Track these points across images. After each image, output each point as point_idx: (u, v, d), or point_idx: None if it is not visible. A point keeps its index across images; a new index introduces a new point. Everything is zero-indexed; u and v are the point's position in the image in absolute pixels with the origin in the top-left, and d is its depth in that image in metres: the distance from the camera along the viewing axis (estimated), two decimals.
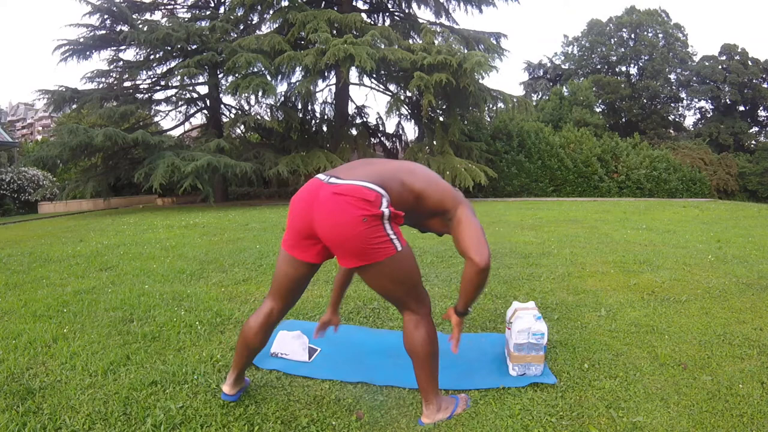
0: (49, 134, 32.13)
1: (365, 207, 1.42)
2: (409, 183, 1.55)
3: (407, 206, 1.55)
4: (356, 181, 1.46)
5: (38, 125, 53.54)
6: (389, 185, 1.49)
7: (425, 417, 1.65)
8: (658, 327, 2.51)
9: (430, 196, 1.59)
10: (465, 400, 1.76)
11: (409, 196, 1.55)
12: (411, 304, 1.61)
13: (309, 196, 1.52)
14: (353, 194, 1.43)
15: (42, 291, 3.41)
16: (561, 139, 17.01)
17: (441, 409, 1.66)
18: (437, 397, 1.67)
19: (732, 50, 29.86)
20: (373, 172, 1.51)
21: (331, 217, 1.44)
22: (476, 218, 1.62)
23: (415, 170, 1.62)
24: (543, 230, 6.40)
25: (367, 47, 12.30)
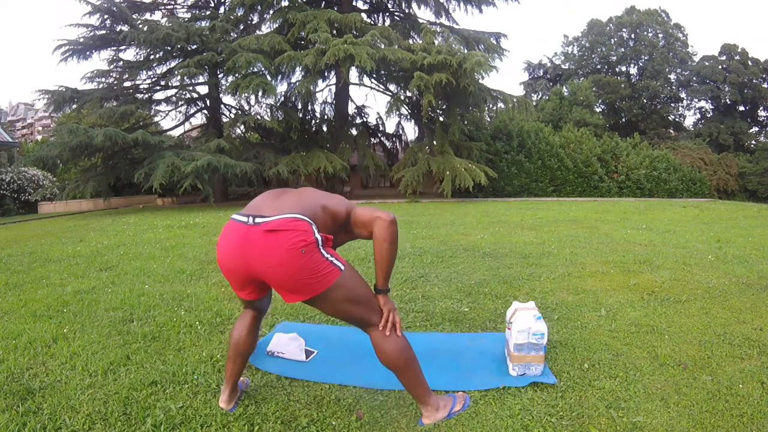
0: (49, 134, 32.13)
1: (301, 237, 1.40)
2: (327, 205, 1.57)
3: (330, 229, 1.57)
4: (284, 214, 1.43)
5: (38, 125, 53.56)
6: (315, 213, 1.50)
7: (425, 418, 1.65)
8: (658, 327, 2.51)
9: (341, 213, 1.62)
10: (463, 398, 1.76)
11: (328, 219, 1.56)
12: (373, 319, 1.59)
13: (237, 242, 1.46)
14: (286, 227, 1.40)
15: (42, 291, 3.41)
16: (561, 139, 17.02)
17: (440, 409, 1.67)
18: (432, 398, 1.67)
19: (732, 50, 29.86)
20: (294, 204, 1.50)
21: (270, 258, 1.41)
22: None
23: (323, 196, 1.64)
24: (543, 230, 6.40)
25: (367, 47, 12.30)
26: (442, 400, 1.70)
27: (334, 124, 16.90)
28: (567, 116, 24.62)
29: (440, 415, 1.65)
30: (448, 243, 5.20)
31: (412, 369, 1.62)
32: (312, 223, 1.45)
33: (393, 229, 1.52)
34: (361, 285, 1.57)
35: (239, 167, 12.31)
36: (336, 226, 1.61)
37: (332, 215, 1.58)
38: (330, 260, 1.47)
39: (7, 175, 14.45)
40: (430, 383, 1.70)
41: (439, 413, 1.65)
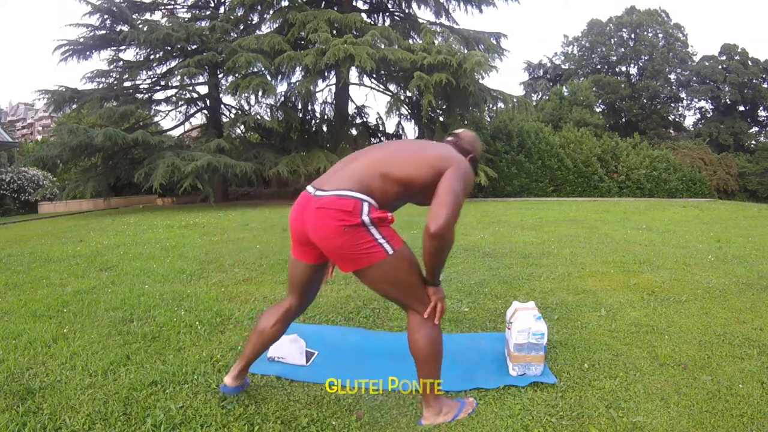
0: (49, 134, 32.11)
1: (344, 218, 1.43)
2: (388, 174, 1.51)
3: (398, 196, 1.54)
4: (335, 191, 1.47)
5: (38, 125, 53.55)
6: (369, 183, 1.48)
7: (424, 419, 1.65)
8: (658, 327, 2.51)
9: (417, 177, 1.52)
10: (471, 404, 1.73)
11: (394, 186, 1.52)
12: (413, 305, 1.59)
13: (300, 209, 1.56)
14: (332, 206, 1.44)
15: (42, 291, 3.41)
16: (561, 139, 17.01)
17: (441, 413, 1.65)
18: (437, 400, 1.66)
19: (732, 50, 29.86)
20: (352, 175, 1.50)
21: (319, 231, 1.48)
22: (458, 181, 1.52)
23: (393, 159, 1.55)
24: (543, 230, 6.40)
25: (367, 47, 12.30)
26: (447, 405, 1.68)
27: (334, 124, 16.89)
28: (567, 116, 24.62)
29: (441, 419, 1.63)
30: None
31: (433, 365, 1.61)
32: (363, 200, 1.45)
33: (433, 243, 1.47)
34: (408, 272, 1.54)
35: (239, 167, 12.31)
36: (419, 189, 1.54)
37: (400, 184, 1.52)
38: (378, 241, 1.47)
39: (7, 175, 14.44)
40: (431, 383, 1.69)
41: (440, 418, 1.64)
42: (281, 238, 5.82)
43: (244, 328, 2.54)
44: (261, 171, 13.48)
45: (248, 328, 2.55)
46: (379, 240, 1.47)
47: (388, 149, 1.63)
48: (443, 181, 1.50)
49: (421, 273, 1.60)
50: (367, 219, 1.44)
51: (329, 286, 3.42)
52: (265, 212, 10.19)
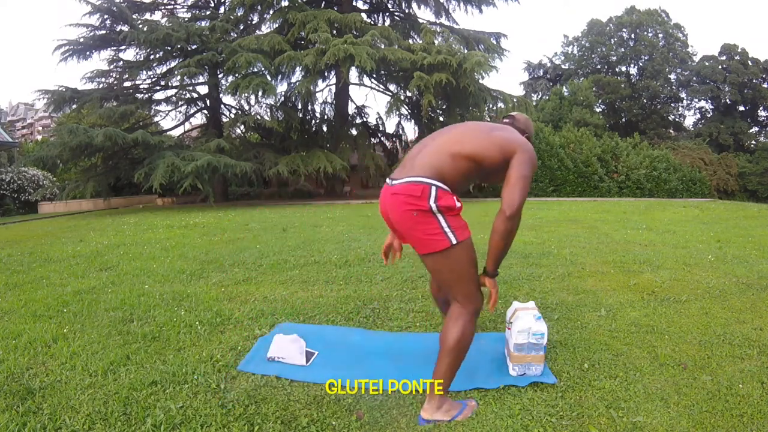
0: (49, 134, 32.14)
1: (413, 202, 1.54)
2: (459, 152, 1.60)
3: (470, 172, 1.63)
4: (406, 178, 1.58)
5: (38, 125, 53.56)
6: (440, 165, 1.58)
7: (424, 411, 1.65)
8: (658, 327, 2.51)
9: (487, 155, 1.61)
10: (472, 407, 1.72)
11: (465, 163, 1.60)
12: (459, 297, 1.66)
13: (382, 199, 1.70)
14: (403, 192, 1.57)
15: (42, 291, 3.41)
16: (561, 139, 17.02)
17: (441, 409, 1.66)
18: (442, 396, 1.67)
19: (732, 50, 29.87)
20: (422, 162, 1.60)
21: (394, 215, 1.62)
22: (527, 166, 1.62)
23: (463, 138, 1.65)
24: (543, 230, 6.40)
25: (367, 47, 12.30)
26: (448, 403, 1.68)
27: (334, 124, 16.90)
28: (567, 116, 24.63)
29: (440, 416, 1.64)
30: None
31: (453, 359, 1.64)
32: (432, 185, 1.54)
33: (507, 225, 1.57)
34: (467, 264, 1.62)
35: (239, 167, 12.31)
36: (494, 167, 1.62)
37: (470, 160, 1.60)
38: (444, 230, 1.55)
39: (7, 175, 14.45)
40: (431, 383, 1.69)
41: (439, 414, 1.64)
42: (281, 238, 5.82)
43: (244, 328, 2.54)
44: (261, 171, 13.48)
45: (248, 328, 2.55)
46: (445, 228, 1.55)
47: (457, 131, 1.71)
48: (514, 166, 1.60)
49: (477, 270, 1.67)
50: (434, 206, 1.53)
51: (330, 286, 3.43)
52: (265, 212, 10.19)
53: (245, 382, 1.93)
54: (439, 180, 1.55)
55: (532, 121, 15.37)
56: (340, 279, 3.60)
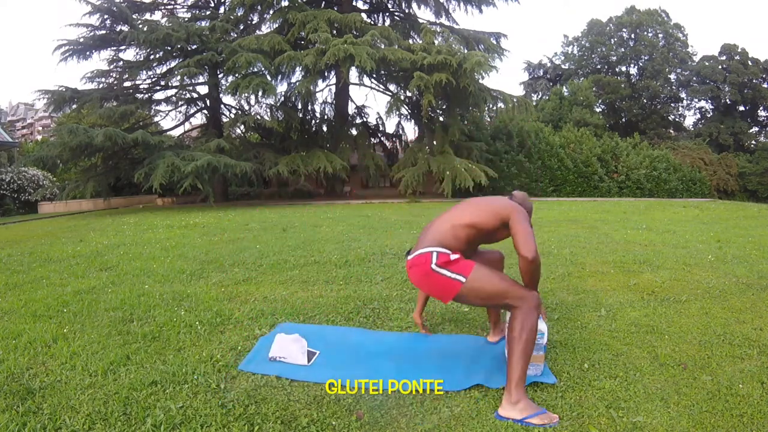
0: (49, 134, 32.13)
1: (422, 269, 1.92)
2: (458, 222, 1.98)
3: (471, 237, 1.98)
4: (416, 252, 1.97)
5: (38, 125, 53.56)
6: (440, 236, 1.95)
7: (501, 408, 1.68)
8: (658, 327, 2.51)
9: (484, 221, 1.98)
10: (550, 417, 1.64)
11: (464, 230, 1.97)
12: (510, 302, 1.83)
13: (407, 271, 2.05)
14: (415, 263, 1.95)
15: (42, 291, 3.41)
16: (561, 139, 17.01)
17: (517, 407, 1.65)
18: (518, 391, 1.67)
19: (732, 50, 29.87)
20: (427, 237, 1.99)
21: (415, 281, 2.00)
22: (525, 221, 1.94)
23: (463, 212, 2.04)
24: (543, 230, 6.40)
25: (367, 47, 12.30)
26: (525, 402, 1.67)
27: (334, 124, 16.90)
28: (567, 116, 24.63)
29: (513, 414, 1.64)
30: None
31: (520, 351, 1.73)
32: (432, 252, 1.90)
33: (531, 266, 1.85)
34: (490, 283, 1.86)
35: (239, 167, 12.31)
36: (481, 233, 2.00)
37: (469, 227, 1.97)
38: (451, 277, 1.86)
39: (7, 175, 14.44)
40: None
41: (514, 412, 1.64)
42: (281, 238, 5.82)
43: (244, 328, 2.54)
44: (261, 171, 13.48)
45: (248, 328, 2.55)
46: (451, 276, 1.86)
47: (460, 207, 2.10)
48: (515, 223, 1.93)
49: (503, 275, 1.96)
50: (435, 266, 1.88)
51: (330, 286, 3.43)
52: (265, 212, 10.19)
53: (245, 382, 1.93)
54: (440, 246, 1.91)
55: (533, 120, 15.41)
56: (340, 279, 3.60)
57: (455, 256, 1.89)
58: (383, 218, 8.35)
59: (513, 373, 1.71)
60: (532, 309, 1.79)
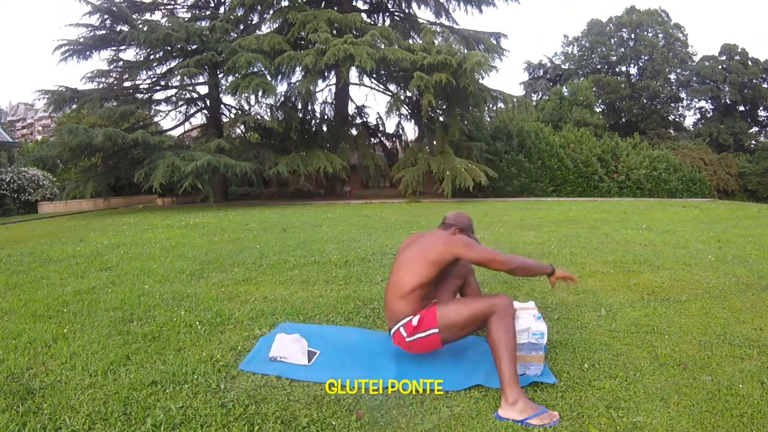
0: (49, 134, 32.14)
1: (400, 343, 2.05)
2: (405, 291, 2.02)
3: (423, 295, 2.03)
4: (390, 331, 2.10)
5: (38, 125, 53.56)
6: (398, 309, 2.03)
7: (500, 409, 1.69)
8: (658, 327, 2.51)
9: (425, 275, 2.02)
10: (551, 417, 1.65)
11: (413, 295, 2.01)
12: (484, 316, 1.90)
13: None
14: (396, 341, 2.08)
15: (42, 291, 3.41)
16: (561, 139, 17.01)
17: (516, 408, 1.66)
18: (513, 391, 1.69)
19: (732, 50, 29.86)
20: (389, 310, 2.10)
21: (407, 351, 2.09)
22: (471, 246, 2.00)
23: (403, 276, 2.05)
24: (543, 230, 6.40)
25: (367, 47, 12.30)
26: (523, 402, 1.68)
27: (334, 124, 16.90)
28: (567, 116, 24.63)
29: (513, 414, 1.65)
30: None
31: (501, 352, 1.79)
32: (399, 328, 2.02)
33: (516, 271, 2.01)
34: (459, 313, 1.94)
35: (239, 167, 12.31)
36: (433, 283, 2.07)
37: (415, 290, 2.00)
38: (426, 335, 1.96)
39: (7, 175, 14.44)
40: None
41: (513, 413, 1.65)
42: (281, 238, 5.82)
43: (244, 328, 2.54)
44: (261, 171, 13.48)
45: (248, 328, 2.55)
46: (425, 335, 1.96)
47: (401, 268, 2.09)
48: (466, 255, 2.00)
49: (465, 299, 2.10)
50: (408, 339, 2.00)
51: (330, 286, 3.43)
52: (265, 212, 10.19)
53: (245, 382, 1.93)
54: (401, 320, 2.01)
55: (533, 120, 15.51)
56: (340, 279, 3.60)
57: (417, 318, 1.97)
58: (383, 218, 8.35)
59: (504, 375, 1.75)
60: (504, 311, 1.86)
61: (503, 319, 1.84)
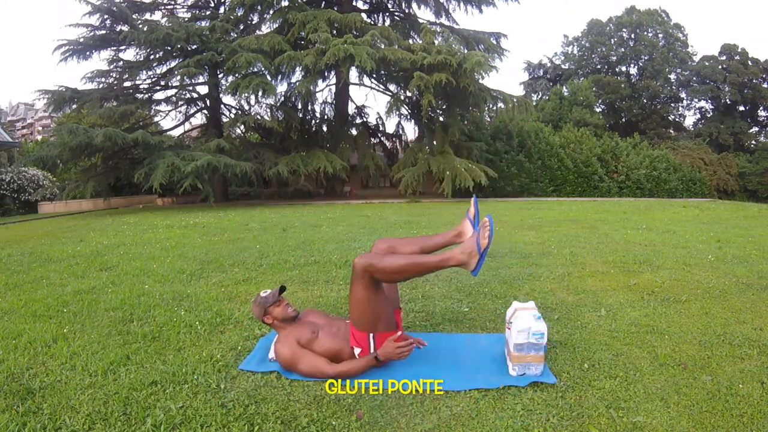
0: (49, 134, 32.13)
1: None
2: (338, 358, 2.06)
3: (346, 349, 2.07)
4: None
5: (38, 125, 53.55)
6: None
7: (464, 265, 2.01)
8: (658, 327, 2.51)
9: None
10: (485, 227, 2.04)
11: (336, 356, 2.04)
12: (370, 275, 1.95)
13: None
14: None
15: (42, 291, 3.41)
16: (561, 139, 17.01)
17: (470, 256, 2.01)
18: (455, 257, 1.99)
19: (732, 50, 29.86)
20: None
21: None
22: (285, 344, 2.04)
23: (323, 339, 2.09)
24: (543, 230, 6.40)
25: (367, 47, 12.30)
26: (464, 246, 1.97)
27: (334, 124, 16.91)
28: (567, 116, 24.63)
29: (474, 260, 1.92)
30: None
31: (413, 269, 1.98)
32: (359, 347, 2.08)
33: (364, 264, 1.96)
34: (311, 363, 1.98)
35: (239, 167, 12.31)
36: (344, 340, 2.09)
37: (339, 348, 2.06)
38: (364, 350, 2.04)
39: (7, 175, 14.44)
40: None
41: (473, 261, 1.91)
42: (281, 238, 5.82)
43: (244, 328, 2.54)
44: (261, 171, 13.48)
45: (248, 327, 2.55)
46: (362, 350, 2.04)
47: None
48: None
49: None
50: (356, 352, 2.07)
51: (330, 285, 3.43)
52: (265, 212, 10.19)
53: (245, 382, 1.93)
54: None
55: (533, 120, 15.72)
56: (340, 279, 3.60)
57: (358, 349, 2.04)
58: (383, 218, 8.35)
59: (439, 266, 2.01)
60: (377, 260, 1.94)
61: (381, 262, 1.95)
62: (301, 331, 2.07)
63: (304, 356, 1.96)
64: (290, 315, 2.13)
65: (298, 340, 2.02)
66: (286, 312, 2.12)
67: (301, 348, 1.99)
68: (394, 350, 1.93)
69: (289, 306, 2.16)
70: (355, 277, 1.94)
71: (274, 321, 2.11)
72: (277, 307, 2.12)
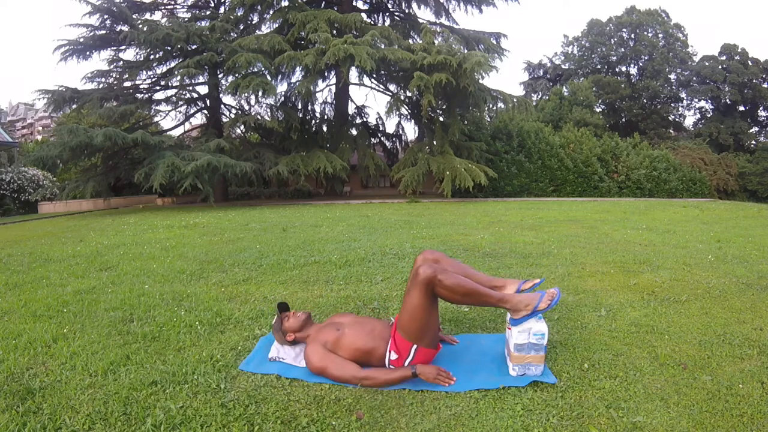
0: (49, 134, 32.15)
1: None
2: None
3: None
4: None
5: (38, 125, 53.57)
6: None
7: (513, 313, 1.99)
8: (658, 327, 2.51)
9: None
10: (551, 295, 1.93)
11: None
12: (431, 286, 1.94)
13: None
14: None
15: (42, 291, 3.41)
16: (561, 139, 17.01)
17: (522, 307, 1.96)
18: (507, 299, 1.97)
19: (732, 50, 29.87)
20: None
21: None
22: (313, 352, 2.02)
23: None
24: (543, 230, 6.40)
25: (367, 47, 12.30)
26: (525, 297, 1.89)
27: (334, 124, 16.91)
28: (567, 116, 24.64)
29: (525, 313, 1.86)
30: (449, 243, 5.21)
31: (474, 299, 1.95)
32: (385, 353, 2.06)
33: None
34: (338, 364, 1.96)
35: (239, 167, 12.31)
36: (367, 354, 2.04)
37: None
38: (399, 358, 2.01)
39: (7, 175, 14.45)
40: None
41: (523, 312, 1.85)
42: (281, 238, 5.82)
43: (244, 328, 2.54)
44: (261, 171, 13.49)
45: (248, 327, 2.55)
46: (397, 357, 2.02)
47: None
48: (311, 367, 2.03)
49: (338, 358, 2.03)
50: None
51: (330, 286, 3.43)
52: (264, 212, 10.19)
53: (245, 382, 1.93)
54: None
55: (532, 120, 15.77)
56: (340, 279, 3.60)
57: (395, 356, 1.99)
58: (383, 218, 8.35)
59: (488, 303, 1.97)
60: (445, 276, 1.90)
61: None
62: (326, 334, 2.06)
63: (334, 361, 1.94)
64: (301, 319, 2.15)
65: (324, 345, 2.01)
66: (296, 321, 2.14)
67: (329, 353, 1.98)
68: (435, 375, 1.88)
69: (294, 314, 2.18)
70: (417, 284, 1.89)
71: (295, 335, 2.14)
72: (286, 322, 2.15)
